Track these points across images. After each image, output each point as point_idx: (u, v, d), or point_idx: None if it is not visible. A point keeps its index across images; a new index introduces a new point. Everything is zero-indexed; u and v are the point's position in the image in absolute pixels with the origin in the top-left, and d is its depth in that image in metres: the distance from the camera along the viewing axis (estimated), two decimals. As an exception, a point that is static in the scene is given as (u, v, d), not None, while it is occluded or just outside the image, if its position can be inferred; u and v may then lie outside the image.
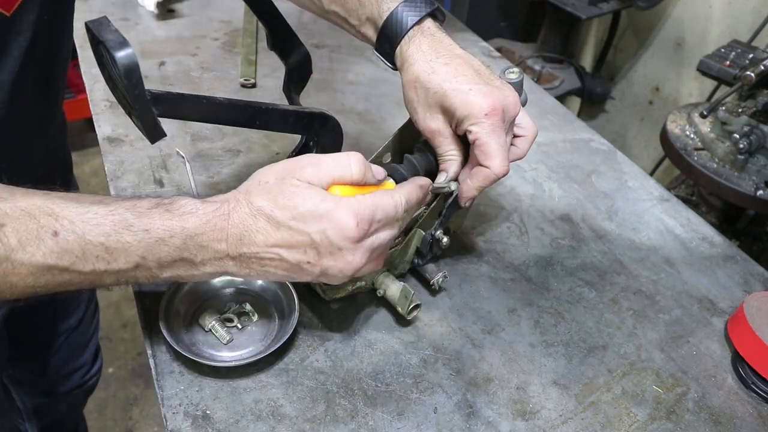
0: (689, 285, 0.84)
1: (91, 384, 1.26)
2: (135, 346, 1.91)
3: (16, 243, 0.47)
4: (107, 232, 0.50)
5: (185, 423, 0.60)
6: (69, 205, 0.50)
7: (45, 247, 0.48)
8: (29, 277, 0.49)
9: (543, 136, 1.09)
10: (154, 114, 0.55)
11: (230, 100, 0.62)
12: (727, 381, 0.72)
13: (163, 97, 0.56)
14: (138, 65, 0.51)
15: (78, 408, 1.35)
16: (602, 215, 0.94)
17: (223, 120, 0.62)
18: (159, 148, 0.93)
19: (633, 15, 2.25)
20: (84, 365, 1.21)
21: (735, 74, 1.46)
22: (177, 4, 1.34)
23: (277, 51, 0.78)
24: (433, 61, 0.64)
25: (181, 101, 0.57)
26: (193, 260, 0.55)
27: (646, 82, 2.30)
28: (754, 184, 1.40)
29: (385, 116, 1.09)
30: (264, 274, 0.58)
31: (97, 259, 0.50)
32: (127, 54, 0.50)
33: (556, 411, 0.66)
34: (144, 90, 0.52)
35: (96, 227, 0.50)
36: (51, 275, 0.50)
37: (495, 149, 0.63)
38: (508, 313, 0.76)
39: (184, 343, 0.65)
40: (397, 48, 0.66)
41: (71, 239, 0.49)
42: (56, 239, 0.48)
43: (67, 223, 0.49)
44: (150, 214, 0.52)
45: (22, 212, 0.48)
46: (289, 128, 0.67)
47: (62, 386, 1.20)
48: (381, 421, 0.63)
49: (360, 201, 0.56)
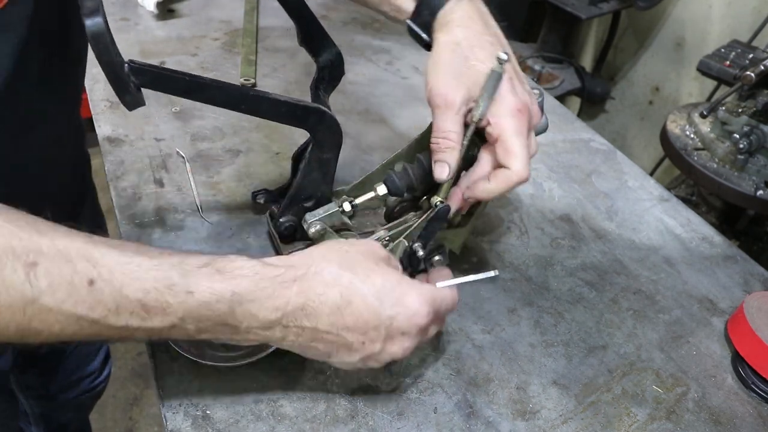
0: (689, 285, 0.84)
1: (99, 390, 1.25)
2: (135, 346, 1.90)
3: (46, 286, 0.43)
4: (147, 288, 0.46)
5: (185, 423, 0.60)
6: (110, 252, 0.46)
7: (77, 296, 0.44)
8: (56, 325, 0.45)
9: (543, 136, 1.08)
10: (130, 83, 0.54)
11: (217, 80, 0.60)
12: (727, 381, 0.72)
13: (144, 69, 0.55)
14: (105, 33, 0.50)
15: (84, 412, 1.34)
16: (602, 215, 0.94)
17: (208, 98, 0.59)
18: (159, 148, 0.93)
19: (633, 15, 2.25)
20: (93, 372, 1.21)
21: (735, 74, 1.46)
22: (177, 4, 1.34)
23: (306, 47, 0.76)
24: (480, 33, 0.61)
25: (163, 74, 0.57)
26: (237, 327, 0.50)
27: (646, 82, 2.30)
28: (754, 184, 1.40)
29: (385, 116, 1.09)
30: (306, 350, 0.55)
31: (131, 315, 0.46)
32: (95, 22, 0.49)
33: (556, 411, 0.66)
34: (112, 56, 0.52)
35: (135, 281, 0.46)
36: (79, 326, 0.45)
37: (520, 148, 0.60)
38: (508, 313, 0.76)
39: (184, 343, 0.65)
40: (440, 12, 0.62)
41: (107, 291, 0.45)
42: (90, 288, 0.44)
43: (105, 272, 0.45)
44: (197, 273, 0.48)
45: (58, 253, 0.44)
46: (281, 118, 0.64)
47: (70, 392, 1.19)
48: (381, 421, 0.63)
49: (433, 292, 0.56)
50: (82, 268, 0.44)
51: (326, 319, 0.52)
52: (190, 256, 0.49)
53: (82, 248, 0.45)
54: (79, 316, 0.45)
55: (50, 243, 0.44)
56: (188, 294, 0.47)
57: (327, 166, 0.69)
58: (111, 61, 0.51)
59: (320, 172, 0.69)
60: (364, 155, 0.98)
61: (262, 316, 0.50)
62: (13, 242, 0.42)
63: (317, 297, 0.52)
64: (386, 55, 1.27)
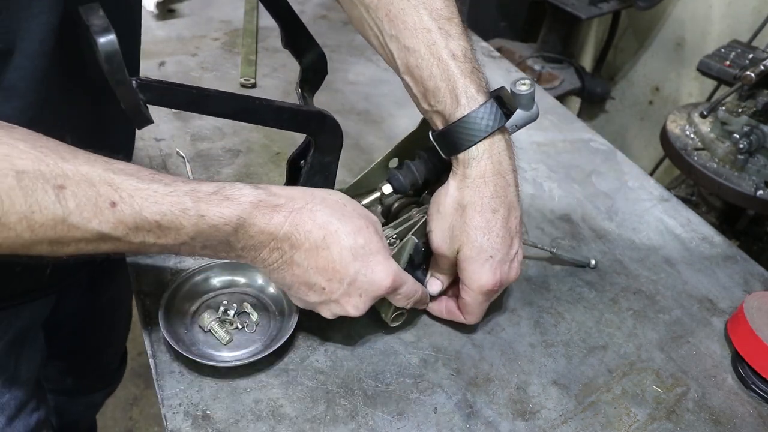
0: (689, 285, 0.84)
1: (112, 388, 1.27)
2: (135, 346, 1.90)
3: (74, 207, 0.47)
4: (164, 211, 0.51)
5: (185, 423, 0.60)
6: (129, 180, 0.50)
7: (102, 216, 0.49)
8: (81, 242, 0.50)
9: (543, 136, 1.09)
10: (139, 100, 0.54)
11: (222, 91, 0.60)
12: (727, 381, 0.72)
13: (151, 85, 0.55)
14: (119, 51, 0.50)
15: (95, 410, 1.35)
16: (602, 215, 0.94)
17: (213, 111, 0.60)
18: (159, 148, 0.93)
19: (633, 15, 2.25)
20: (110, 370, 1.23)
21: (735, 74, 1.46)
22: (177, 4, 1.34)
23: (290, 50, 0.77)
24: (485, 202, 0.63)
25: (169, 89, 0.57)
26: (235, 245, 0.56)
27: (646, 82, 2.31)
28: (754, 184, 1.40)
29: (385, 116, 1.09)
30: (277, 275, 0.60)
31: (148, 233, 0.51)
32: (109, 40, 0.49)
33: (556, 411, 0.66)
34: (125, 75, 0.52)
35: (153, 205, 0.51)
36: (102, 242, 0.50)
37: (475, 312, 0.69)
38: (508, 313, 0.76)
39: (184, 343, 0.65)
40: (460, 155, 0.63)
41: (128, 212, 0.50)
42: (113, 210, 0.49)
43: (126, 195, 0.50)
44: (208, 199, 0.53)
45: (83, 177, 0.48)
46: (283, 125, 0.65)
47: (86, 388, 1.21)
48: (381, 421, 0.63)
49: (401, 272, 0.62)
50: (105, 192, 0.49)
51: (303, 253, 0.57)
52: (202, 184, 0.54)
53: (104, 174, 0.49)
54: (102, 234, 0.49)
55: (74, 168, 0.48)
56: (200, 217, 0.53)
57: (328, 170, 0.69)
58: (123, 80, 0.51)
59: (322, 175, 0.69)
60: (364, 155, 0.98)
61: (256, 238, 0.56)
62: (41, 167, 0.46)
63: (304, 232, 0.57)
64: (386, 55, 1.26)
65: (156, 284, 0.73)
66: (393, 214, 0.75)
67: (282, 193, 0.57)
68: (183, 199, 0.52)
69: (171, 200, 0.52)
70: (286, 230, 0.56)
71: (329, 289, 0.59)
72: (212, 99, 0.59)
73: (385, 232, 0.69)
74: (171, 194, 0.52)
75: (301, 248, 0.57)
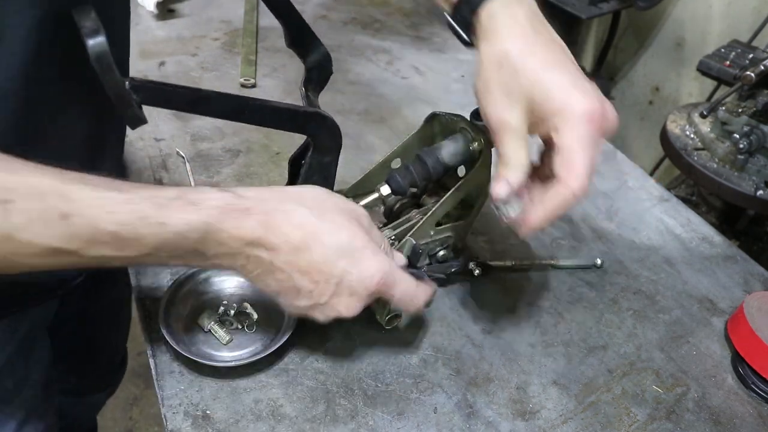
0: (689, 285, 0.84)
1: (112, 389, 1.27)
2: (135, 346, 1.89)
3: (21, 222, 0.44)
4: (121, 221, 0.47)
5: (185, 423, 0.60)
6: (83, 189, 0.47)
7: (52, 230, 0.45)
8: (34, 258, 0.46)
9: (543, 136, 1.09)
10: (132, 100, 0.54)
11: (217, 92, 0.60)
12: (727, 381, 0.72)
13: (145, 86, 0.55)
14: (108, 53, 0.50)
15: (96, 411, 1.35)
16: (602, 215, 0.94)
17: (208, 111, 0.60)
18: (159, 148, 0.93)
19: (633, 15, 2.25)
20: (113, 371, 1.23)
21: (735, 74, 1.46)
22: (177, 4, 1.34)
23: (294, 49, 0.76)
24: (531, 39, 0.55)
25: (163, 90, 0.57)
26: (206, 253, 0.52)
27: (646, 82, 2.30)
28: (754, 184, 1.40)
29: (385, 116, 1.09)
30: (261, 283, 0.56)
31: (105, 245, 0.48)
32: (98, 42, 0.49)
33: (556, 411, 0.66)
34: (115, 76, 0.51)
35: (109, 215, 0.47)
36: (56, 257, 0.47)
37: (581, 162, 0.54)
38: (508, 313, 0.76)
39: (184, 343, 0.65)
40: (482, 10, 0.56)
41: (81, 224, 0.46)
42: (65, 222, 0.45)
43: (78, 206, 0.46)
44: (170, 205, 0.49)
45: (31, 189, 0.45)
46: (282, 125, 0.65)
47: (86, 388, 1.20)
48: (381, 421, 0.63)
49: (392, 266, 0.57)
50: (56, 203, 0.45)
51: (283, 257, 0.53)
52: (162, 189, 0.51)
53: (54, 184, 0.46)
54: (55, 249, 0.46)
55: (23, 180, 0.45)
56: (161, 225, 0.48)
57: (328, 170, 0.69)
58: (114, 80, 0.51)
59: (321, 175, 0.69)
60: (364, 155, 0.98)
61: (228, 245, 0.52)
62: None
63: (281, 234, 0.53)
64: (386, 55, 1.27)
65: (156, 284, 0.73)
66: (395, 214, 0.75)
67: (250, 195, 0.54)
68: (142, 206, 0.48)
69: (129, 208, 0.48)
70: (260, 234, 0.52)
71: (317, 291, 0.55)
72: (207, 99, 0.59)
73: (384, 233, 0.69)
74: (129, 202, 0.48)
75: (280, 252, 0.53)
